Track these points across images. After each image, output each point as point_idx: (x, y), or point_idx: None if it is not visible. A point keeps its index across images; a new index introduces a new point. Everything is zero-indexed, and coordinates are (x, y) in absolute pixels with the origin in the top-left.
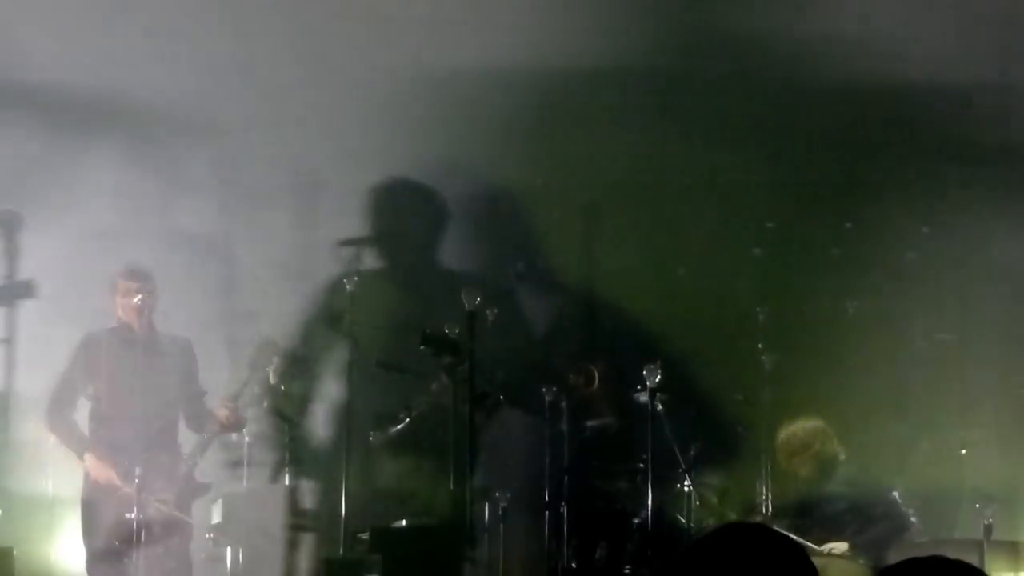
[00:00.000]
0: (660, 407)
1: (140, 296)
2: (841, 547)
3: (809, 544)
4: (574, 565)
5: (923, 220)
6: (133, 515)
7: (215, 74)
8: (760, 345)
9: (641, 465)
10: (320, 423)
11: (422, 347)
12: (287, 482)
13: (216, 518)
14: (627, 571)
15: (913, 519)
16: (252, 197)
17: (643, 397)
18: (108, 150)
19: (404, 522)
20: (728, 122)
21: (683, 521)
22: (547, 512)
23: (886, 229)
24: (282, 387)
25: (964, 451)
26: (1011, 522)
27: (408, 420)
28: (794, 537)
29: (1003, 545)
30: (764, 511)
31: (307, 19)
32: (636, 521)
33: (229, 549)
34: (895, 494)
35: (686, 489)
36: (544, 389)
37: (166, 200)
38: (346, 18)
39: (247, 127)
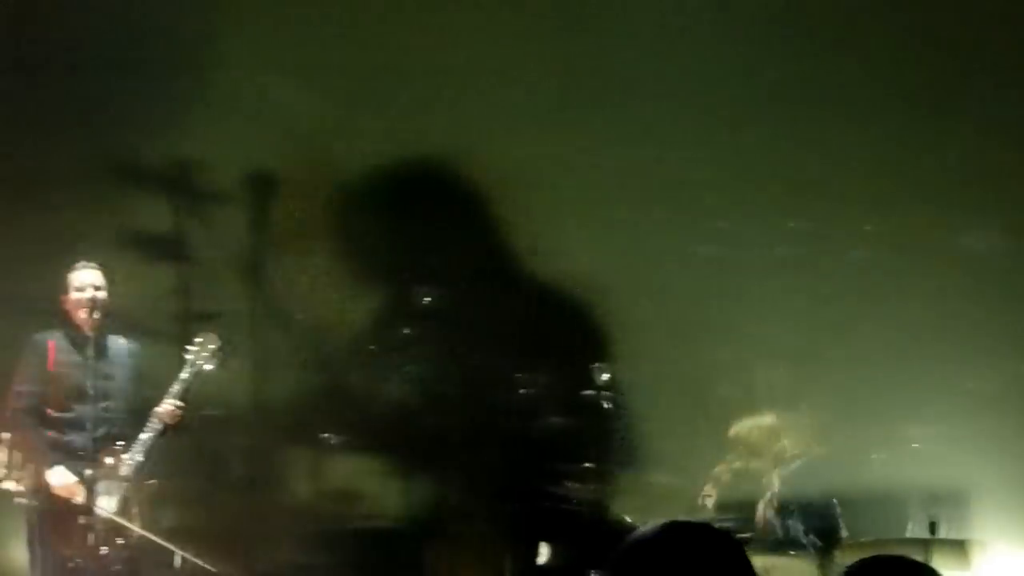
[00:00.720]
0: (609, 405)
1: (92, 296)
2: (788, 541)
3: (756, 538)
4: (526, 565)
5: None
6: (85, 522)
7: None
8: (710, 343)
9: (591, 464)
10: (268, 423)
11: (372, 347)
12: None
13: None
14: (576, 570)
15: (842, 527)
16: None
17: (593, 396)
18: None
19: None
20: (677, 120)
21: (630, 520)
22: (500, 512)
23: (830, 227)
24: (224, 382)
25: (916, 446)
26: (960, 520)
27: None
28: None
29: (950, 544)
30: (711, 509)
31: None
32: (587, 520)
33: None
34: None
35: (636, 487)
36: (494, 388)
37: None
38: None
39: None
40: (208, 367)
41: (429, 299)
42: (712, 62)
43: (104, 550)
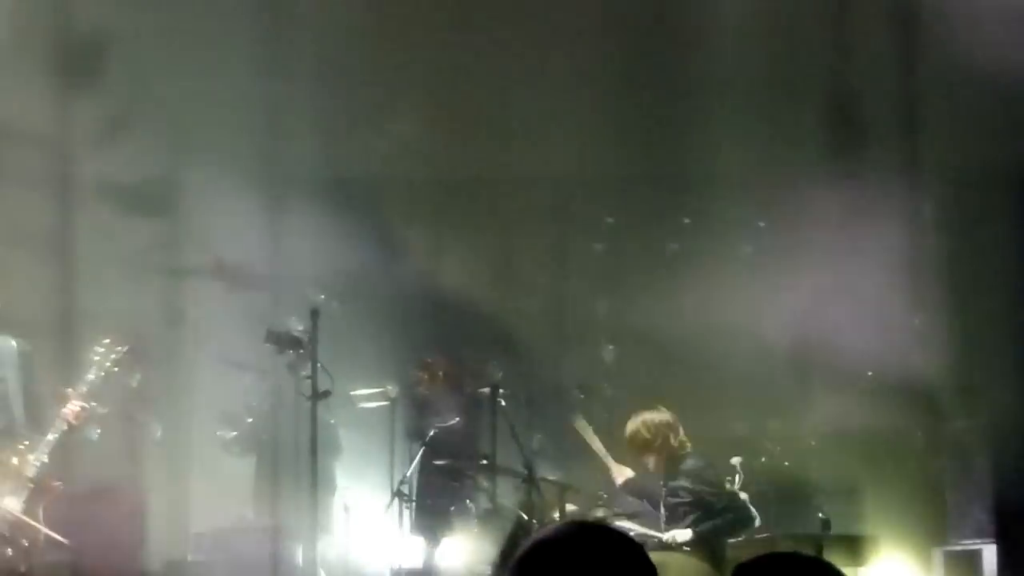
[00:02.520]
0: (503, 403)
1: None
2: (684, 535)
3: (652, 532)
4: (419, 563)
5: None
6: None
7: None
8: (602, 340)
9: (484, 461)
10: (164, 420)
11: (265, 343)
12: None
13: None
14: (470, 567)
15: (755, 514)
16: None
17: (486, 392)
18: None
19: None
20: (566, 118)
21: (525, 516)
22: (390, 509)
23: (723, 224)
24: (129, 384)
25: (813, 443)
26: (852, 516)
27: (251, 419)
28: (636, 531)
29: (842, 539)
30: (607, 504)
31: None
32: (480, 517)
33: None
34: (738, 487)
35: (528, 484)
36: (388, 386)
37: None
38: None
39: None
40: (115, 369)
41: (323, 296)
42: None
43: (9, 551)
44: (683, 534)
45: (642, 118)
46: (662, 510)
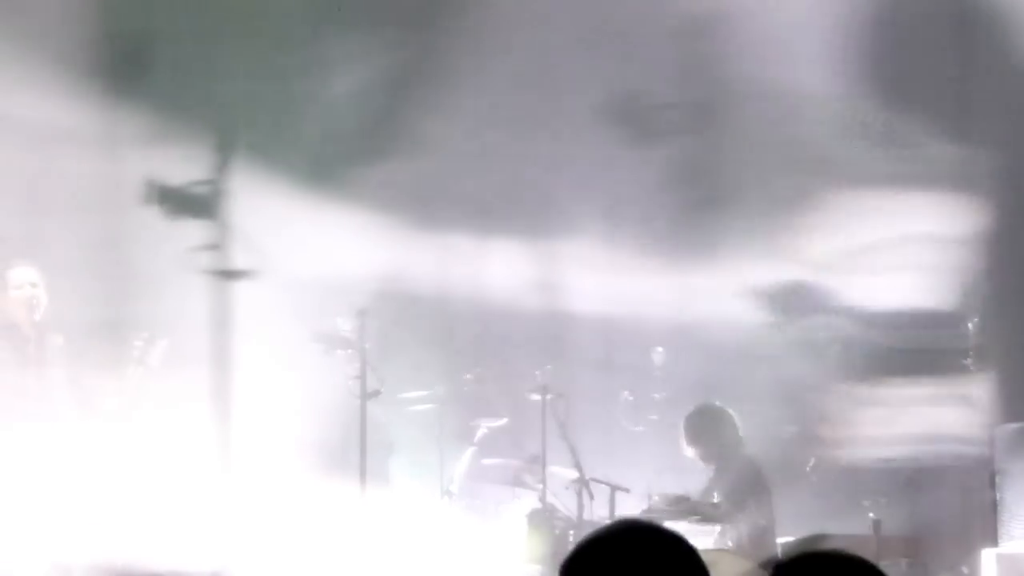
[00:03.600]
0: (552, 405)
1: (30, 292)
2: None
3: (700, 537)
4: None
5: None
6: None
7: None
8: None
9: (533, 462)
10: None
11: (314, 344)
12: None
13: None
14: (519, 567)
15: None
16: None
17: (535, 395)
18: None
19: None
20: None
21: (572, 517)
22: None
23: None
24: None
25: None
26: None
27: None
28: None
29: (891, 540)
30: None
31: None
32: (530, 517)
33: None
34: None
35: (579, 484)
36: (438, 387)
37: None
38: None
39: None
40: (154, 364)
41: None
42: None
43: None
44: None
45: None
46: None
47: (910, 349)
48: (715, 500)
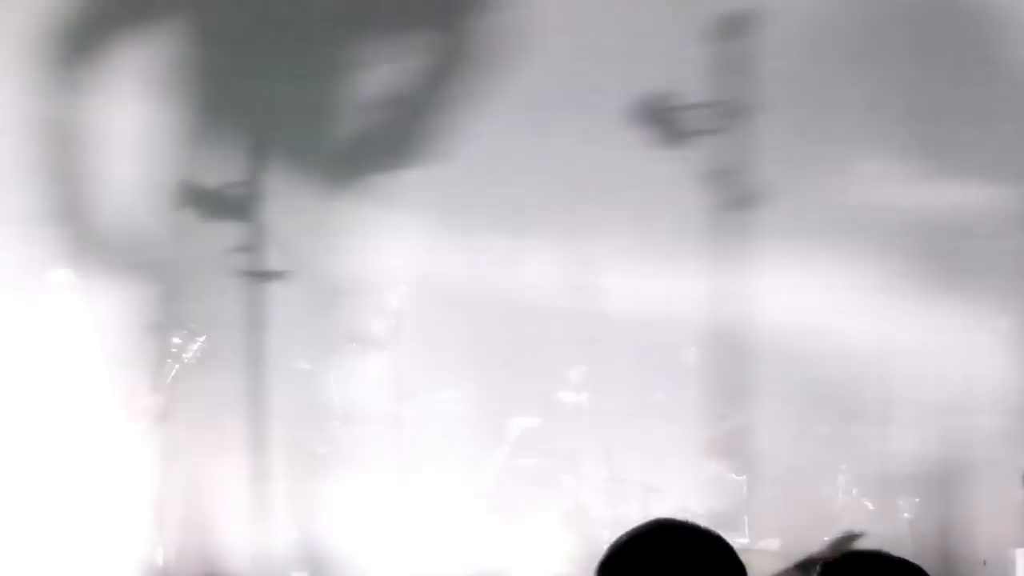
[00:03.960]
0: (584, 405)
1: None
2: (773, 544)
3: (739, 540)
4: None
5: None
6: None
7: None
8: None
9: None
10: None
11: (347, 345)
12: None
13: None
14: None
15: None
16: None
17: (568, 395)
18: None
19: None
20: None
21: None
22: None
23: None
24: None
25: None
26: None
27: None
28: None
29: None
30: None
31: None
32: (563, 517)
33: None
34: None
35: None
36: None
37: None
38: None
39: None
40: (191, 361)
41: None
42: None
43: None
44: (771, 543)
45: None
46: None
47: None
48: None
